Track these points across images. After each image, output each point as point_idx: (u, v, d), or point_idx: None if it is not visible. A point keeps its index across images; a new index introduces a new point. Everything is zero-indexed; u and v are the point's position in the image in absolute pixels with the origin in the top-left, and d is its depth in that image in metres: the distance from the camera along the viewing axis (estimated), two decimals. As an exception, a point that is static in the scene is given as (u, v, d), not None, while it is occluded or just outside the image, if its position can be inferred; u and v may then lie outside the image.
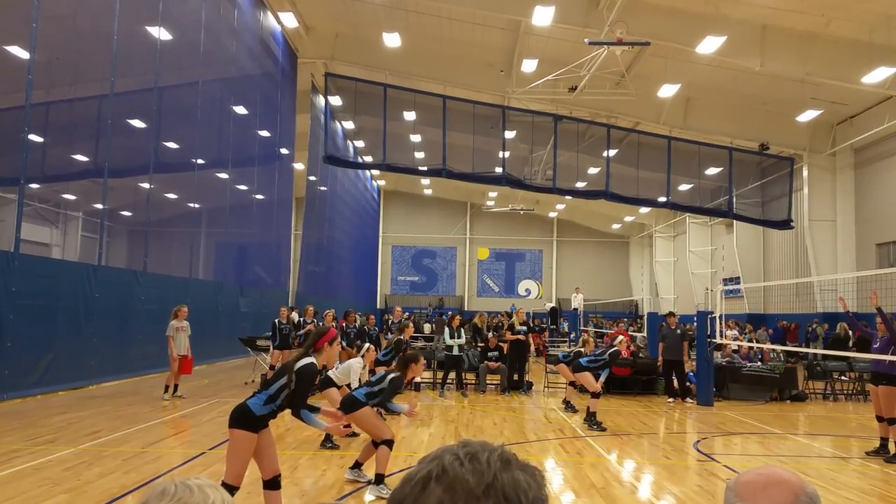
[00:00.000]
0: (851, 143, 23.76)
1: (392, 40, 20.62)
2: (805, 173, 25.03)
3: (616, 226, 43.37)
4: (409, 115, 20.43)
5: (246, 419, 4.77)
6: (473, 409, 12.06)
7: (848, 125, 23.86)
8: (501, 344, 14.55)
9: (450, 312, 20.29)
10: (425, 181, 38.05)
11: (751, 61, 18.94)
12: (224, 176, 19.86)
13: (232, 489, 4.72)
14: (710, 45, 17.99)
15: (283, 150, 23.32)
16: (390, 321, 14.82)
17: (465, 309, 41.55)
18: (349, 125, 24.54)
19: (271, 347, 13.94)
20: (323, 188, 26.56)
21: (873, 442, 9.10)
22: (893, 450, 8.63)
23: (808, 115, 23.35)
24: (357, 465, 6.77)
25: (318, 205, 26.09)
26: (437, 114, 19.04)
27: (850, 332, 16.44)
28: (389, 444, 6.34)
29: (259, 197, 21.86)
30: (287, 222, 25.34)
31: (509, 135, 20.37)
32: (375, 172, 35.80)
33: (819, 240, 24.91)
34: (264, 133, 21.59)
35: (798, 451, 9.27)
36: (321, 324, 13.98)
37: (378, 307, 40.11)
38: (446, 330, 14.32)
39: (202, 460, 7.46)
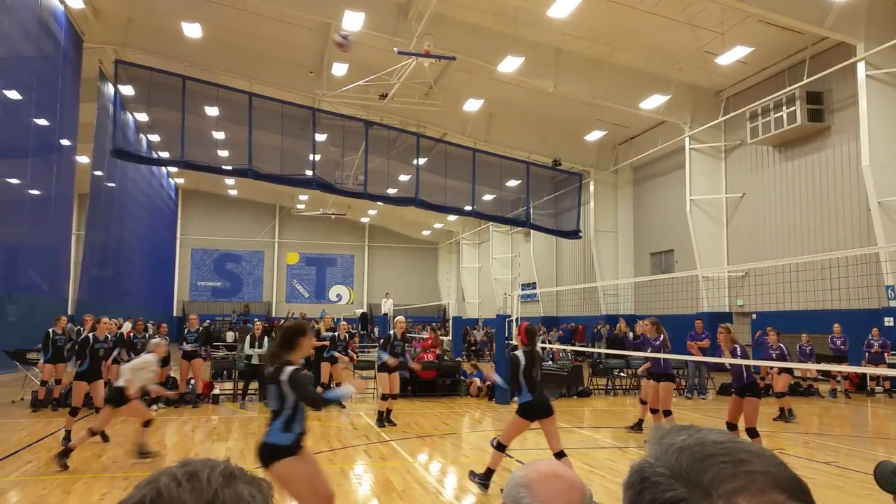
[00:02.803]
0: (631, 162, 26.61)
1: (192, 31, 19.23)
2: (592, 188, 27.56)
3: (426, 232, 44.52)
4: (212, 111, 19.17)
5: None
6: (275, 421, 11.47)
7: (628, 145, 26.71)
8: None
9: (255, 320, 19.30)
10: (230, 181, 36.06)
11: (546, 82, 20.42)
12: (-10, 168, 17.11)
13: None
14: (510, 64, 19.08)
15: (64, 142, 20.69)
16: (186, 330, 13.67)
17: (273, 315, 40.04)
18: (142, 117, 22.44)
19: (41, 361, 12.30)
20: (111, 184, 23.98)
21: (645, 431, 10.11)
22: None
23: (594, 135, 25.75)
24: None
25: (105, 203, 23.50)
26: (243, 111, 18.05)
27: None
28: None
29: (33, 192, 19.19)
30: (67, 221, 22.51)
31: (320, 137, 19.93)
32: (173, 169, 33.14)
33: (603, 248, 27.54)
34: (41, 122, 18.99)
35: (583, 444, 9.98)
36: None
37: (175, 315, 37.15)
38: (247, 338, 13.57)
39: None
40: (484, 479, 6.79)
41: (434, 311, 41.47)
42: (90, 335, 9.49)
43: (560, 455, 6.51)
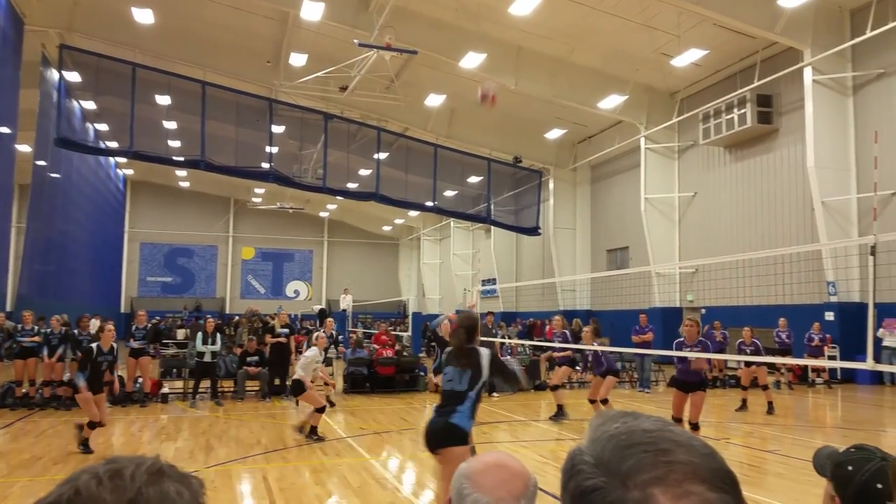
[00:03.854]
0: (589, 161, 26.95)
1: (143, 16, 18.63)
2: (551, 185, 27.82)
3: (387, 228, 44.29)
4: (163, 100, 18.61)
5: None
6: (229, 419, 11.26)
7: (587, 144, 27.03)
8: (261, 347, 13.84)
9: (207, 316, 18.87)
10: (182, 173, 35.08)
11: (507, 79, 20.47)
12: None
13: None
14: (472, 60, 19.06)
15: (3, 129, 19.77)
16: (134, 327, 13.28)
17: (227, 311, 39.27)
18: (89, 105, 21.59)
19: None
20: (55, 175, 23.05)
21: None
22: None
23: (554, 133, 25.98)
24: None
25: (48, 194, 22.56)
26: (196, 100, 17.58)
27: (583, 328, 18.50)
28: None
29: (-31, 182, 18.30)
30: (6, 213, 21.51)
31: (277, 129, 19.57)
32: (121, 160, 32.09)
33: (561, 245, 27.85)
34: (-23, 107, 18.12)
35: (539, 436, 10.07)
36: (49, 331, 12.28)
37: (123, 311, 36.09)
38: (199, 335, 13.25)
39: None
40: None
41: (394, 307, 41.29)
42: (94, 346, 8.44)
43: None
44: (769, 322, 16.22)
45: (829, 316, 16.24)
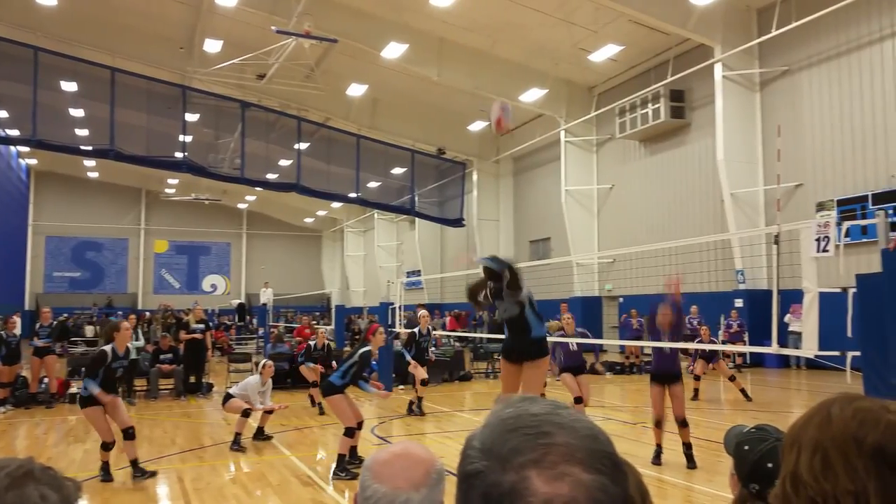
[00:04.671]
0: (512, 153, 27.31)
1: (45, -4, 17.50)
2: (475, 177, 28.04)
3: (309, 220, 43.51)
4: (69, 86, 17.52)
5: (332, 389, 7.04)
6: (142, 418, 10.78)
7: (509, 137, 27.29)
8: (175, 344, 13.31)
9: (119, 313, 18.01)
10: (90, 163, 33.24)
11: (430, 71, 20.44)
12: None
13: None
14: (394, 50, 18.91)
15: None
16: (38, 325, 12.50)
17: (140, 307, 37.62)
18: (-15, 90, 20.16)
19: None
20: (-53, 165, 21.44)
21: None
22: None
23: (477, 125, 26.17)
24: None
25: (-60, 185, 20.97)
26: (104, 87, 16.58)
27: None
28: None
29: None
30: None
31: (191, 118, 18.75)
32: (23, 149, 30.08)
33: (485, 236, 28.16)
34: None
35: (464, 426, 10.15)
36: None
37: (27, 308, 33.90)
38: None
39: None
40: (341, 469, 6.88)
41: (318, 300, 40.63)
42: (109, 348, 6.77)
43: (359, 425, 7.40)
44: (682, 310, 16.88)
45: (739, 303, 17.08)
